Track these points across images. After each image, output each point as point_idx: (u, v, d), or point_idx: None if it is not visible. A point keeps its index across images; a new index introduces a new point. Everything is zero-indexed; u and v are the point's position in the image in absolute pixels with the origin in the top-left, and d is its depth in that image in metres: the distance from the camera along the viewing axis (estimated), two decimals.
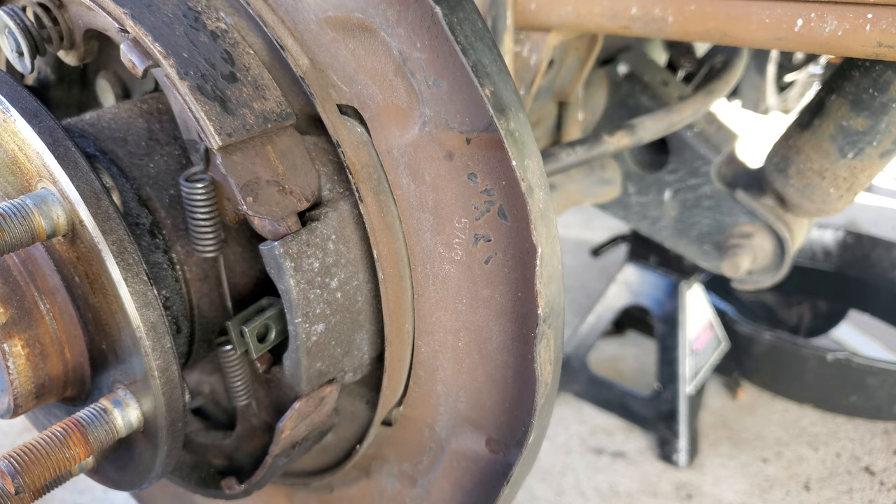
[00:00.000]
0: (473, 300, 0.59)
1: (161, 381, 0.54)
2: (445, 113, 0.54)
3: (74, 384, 0.60)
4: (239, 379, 0.68)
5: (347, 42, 0.56)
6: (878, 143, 0.97)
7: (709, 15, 0.79)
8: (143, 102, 0.69)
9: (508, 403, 0.60)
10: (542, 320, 0.56)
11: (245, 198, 0.54)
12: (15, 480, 0.50)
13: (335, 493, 0.78)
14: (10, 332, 0.55)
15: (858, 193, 1.08)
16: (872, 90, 0.92)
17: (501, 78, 0.53)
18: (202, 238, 0.58)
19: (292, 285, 0.56)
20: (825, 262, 2.21)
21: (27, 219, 0.50)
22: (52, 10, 0.60)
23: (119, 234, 0.52)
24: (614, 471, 1.51)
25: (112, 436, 0.56)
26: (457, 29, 0.51)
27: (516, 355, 0.58)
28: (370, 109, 0.58)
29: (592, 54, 1.13)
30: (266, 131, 0.56)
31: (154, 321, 0.53)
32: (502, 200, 0.54)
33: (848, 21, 0.69)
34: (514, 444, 0.61)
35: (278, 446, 0.64)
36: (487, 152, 0.53)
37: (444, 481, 0.68)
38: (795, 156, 1.07)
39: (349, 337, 0.63)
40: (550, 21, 0.90)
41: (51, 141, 0.51)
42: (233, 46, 0.57)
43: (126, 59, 0.54)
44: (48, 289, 0.57)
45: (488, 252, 0.57)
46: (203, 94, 0.53)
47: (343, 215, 0.59)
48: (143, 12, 0.54)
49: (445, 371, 0.64)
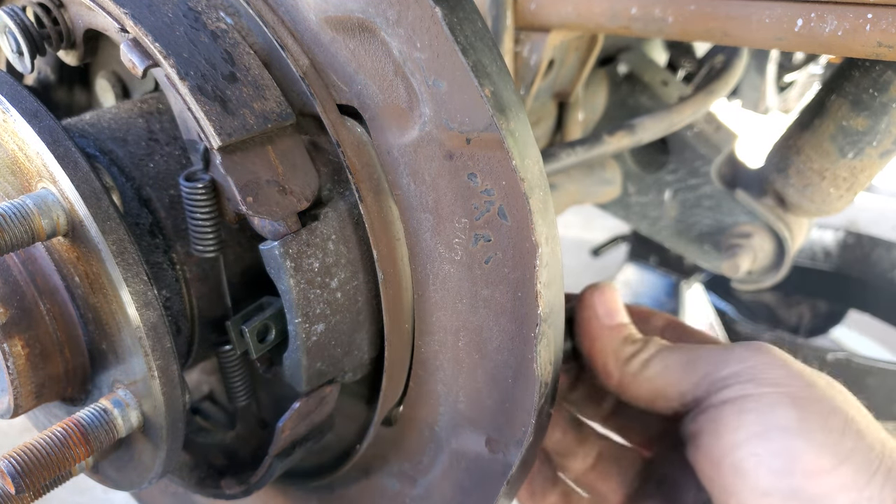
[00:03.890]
0: (473, 300, 0.59)
1: (161, 381, 0.54)
2: (445, 113, 0.54)
3: (74, 384, 0.60)
4: (239, 379, 0.68)
5: (347, 42, 0.57)
6: (878, 143, 0.97)
7: (709, 15, 0.79)
8: (143, 102, 0.69)
9: (508, 403, 0.60)
10: (542, 320, 0.56)
11: (245, 198, 0.54)
12: (15, 481, 0.50)
13: (335, 492, 0.78)
14: (10, 332, 0.55)
15: (858, 193, 1.08)
16: (872, 90, 0.92)
17: (501, 78, 0.53)
18: (202, 238, 0.58)
19: (292, 285, 0.56)
20: (825, 262, 2.21)
21: (27, 219, 0.50)
22: (52, 10, 0.60)
23: (119, 234, 0.52)
24: None
25: (112, 436, 0.56)
26: (457, 29, 0.51)
27: (516, 355, 0.58)
28: (370, 109, 0.58)
29: (592, 54, 1.13)
30: (266, 131, 0.56)
31: (154, 321, 0.53)
32: (502, 200, 0.54)
33: (848, 21, 0.69)
34: (514, 444, 0.61)
35: (278, 446, 0.64)
36: (487, 152, 0.53)
37: (444, 481, 0.68)
38: (795, 156, 1.07)
39: (349, 337, 0.63)
40: (550, 21, 0.90)
41: (51, 141, 0.51)
42: (233, 46, 0.57)
43: (126, 59, 0.54)
44: (48, 289, 0.57)
45: (488, 252, 0.57)
46: (203, 94, 0.53)
47: (343, 215, 0.59)
48: (144, 12, 0.54)
49: (445, 371, 0.64)
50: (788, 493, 0.56)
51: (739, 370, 0.62)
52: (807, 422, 0.57)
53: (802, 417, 0.57)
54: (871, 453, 0.56)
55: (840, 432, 0.56)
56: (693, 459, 0.63)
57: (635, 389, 0.67)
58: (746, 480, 0.58)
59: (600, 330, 0.70)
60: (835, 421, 0.57)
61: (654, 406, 0.67)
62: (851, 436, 0.56)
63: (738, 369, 0.62)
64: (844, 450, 0.55)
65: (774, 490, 0.56)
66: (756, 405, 0.59)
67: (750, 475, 0.57)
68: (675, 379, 0.65)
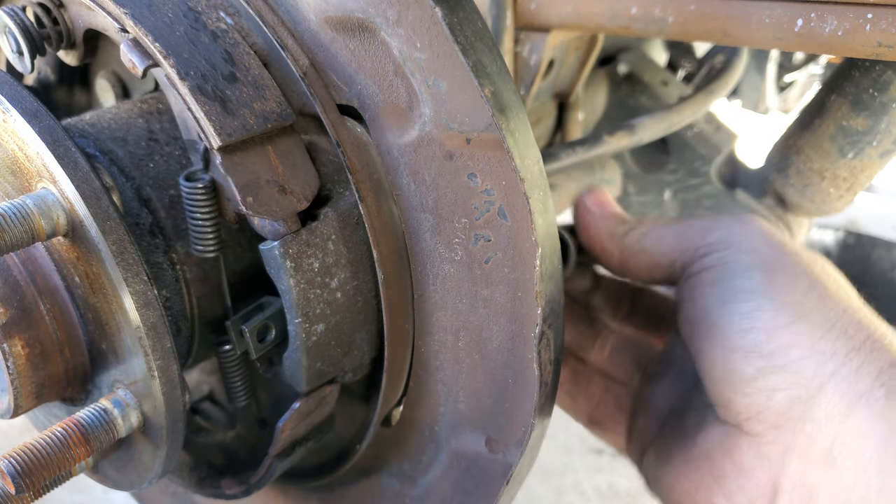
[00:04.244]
0: (473, 300, 0.59)
1: (161, 381, 0.54)
2: (445, 113, 0.54)
3: (74, 384, 0.60)
4: (239, 379, 0.68)
5: (347, 42, 0.57)
6: (878, 143, 0.97)
7: (709, 15, 0.78)
8: (143, 102, 0.69)
9: (508, 403, 0.60)
10: (541, 320, 0.56)
11: (245, 198, 0.54)
12: (15, 481, 0.50)
13: (335, 492, 0.78)
14: (10, 332, 0.55)
15: (858, 193, 1.08)
16: (872, 90, 0.92)
17: (501, 78, 0.53)
18: (202, 238, 0.58)
19: (292, 285, 0.56)
20: None
21: (27, 219, 0.50)
22: (52, 10, 0.60)
23: (119, 234, 0.52)
24: (614, 471, 1.51)
25: (112, 436, 0.56)
26: (457, 29, 0.51)
27: (516, 355, 0.58)
28: (370, 109, 0.58)
29: (592, 54, 1.13)
30: (266, 131, 0.56)
31: (154, 321, 0.53)
32: (502, 200, 0.54)
33: (848, 21, 0.69)
34: (514, 444, 0.61)
35: (278, 446, 0.64)
36: (487, 152, 0.53)
37: (444, 481, 0.68)
38: (795, 156, 1.07)
39: (349, 337, 0.63)
40: (550, 21, 0.90)
41: (51, 141, 0.51)
42: (233, 46, 0.57)
43: (126, 59, 0.54)
44: (48, 289, 0.57)
45: (488, 252, 0.57)
46: (203, 94, 0.53)
47: (343, 215, 0.59)
48: (144, 12, 0.54)
49: (445, 371, 0.64)
50: (751, 349, 0.60)
51: (722, 237, 0.66)
52: (773, 285, 0.61)
53: (769, 280, 0.61)
54: (829, 313, 0.60)
55: (803, 294, 0.60)
56: (679, 325, 0.67)
57: (634, 264, 0.73)
58: (717, 340, 0.62)
59: (595, 219, 0.78)
60: (799, 284, 0.61)
61: (652, 277, 0.73)
62: (813, 297, 0.60)
63: (720, 236, 0.66)
64: (803, 309, 0.60)
65: (740, 347, 0.60)
66: (730, 270, 0.63)
67: (720, 335, 0.62)
68: (667, 249, 0.70)
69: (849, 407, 0.56)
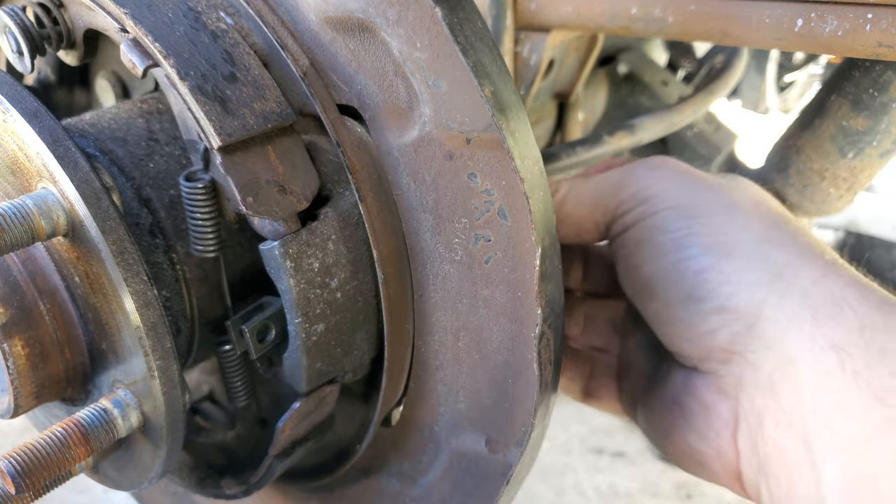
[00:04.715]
0: (473, 300, 0.59)
1: (161, 381, 0.54)
2: (445, 113, 0.54)
3: (74, 384, 0.60)
4: (239, 379, 0.68)
5: (347, 42, 0.57)
6: (878, 143, 0.97)
7: (709, 15, 0.79)
8: (143, 102, 0.69)
9: (508, 403, 0.60)
10: (542, 320, 0.56)
11: (245, 198, 0.54)
12: (15, 481, 0.50)
13: (335, 492, 0.78)
14: (10, 332, 0.55)
15: (858, 193, 1.08)
16: (872, 90, 0.92)
17: (501, 78, 0.53)
18: (202, 238, 0.58)
19: (292, 285, 0.56)
20: None
21: (27, 219, 0.50)
22: (52, 10, 0.60)
23: (119, 234, 0.52)
24: (614, 471, 1.51)
25: (112, 436, 0.56)
26: (457, 29, 0.51)
27: (516, 355, 0.58)
28: (370, 109, 0.58)
29: (592, 54, 1.13)
30: (266, 131, 0.56)
31: (154, 321, 0.53)
32: (502, 200, 0.54)
33: (848, 21, 0.69)
34: (514, 444, 0.61)
35: (278, 446, 0.64)
36: (487, 152, 0.53)
37: (444, 481, 0.68)
38: (795, 156, 1.07)
39: (349, 337, 0.63)
40: (550, 21, 0.90)
41: (51, 141, 0.51)
42: (233, 46, 0.57)
43: (126, 59, 0.54)
44: (48, 289, 0.57)
45: (488, 252, 0.57)
46: (203, 94, 0.53)
47: (343, 215, 0.59)
48: (144, 12, 0.54)
49: (445, 371, 0.64)
50: (685, 297, 0.61)
51: (636, 191, 0.67)
52: (694, 231, 0.62)
53: (690, 227, 0.62)
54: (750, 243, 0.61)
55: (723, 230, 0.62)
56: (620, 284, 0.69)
57: (563, 230, 0.72)
58: (654, 294, 0.64)
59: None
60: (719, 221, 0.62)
61: (583, 240, 0.73)
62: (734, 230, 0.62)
63: (634, 190, 0.67)
64: (726, 247, 0.61)
65: (675, 297, 0.62)
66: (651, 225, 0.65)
67: (655, 289, 0.64)
68: (587, 211, 0.70)
69: (782, 332, 0.57)
